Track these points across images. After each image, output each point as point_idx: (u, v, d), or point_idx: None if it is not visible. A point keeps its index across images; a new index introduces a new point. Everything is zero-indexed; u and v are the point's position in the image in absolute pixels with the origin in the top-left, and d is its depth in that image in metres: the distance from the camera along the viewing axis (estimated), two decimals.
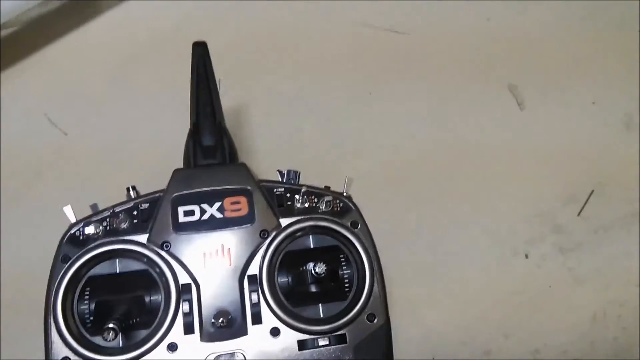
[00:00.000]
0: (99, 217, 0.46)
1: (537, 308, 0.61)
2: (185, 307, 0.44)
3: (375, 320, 0.46)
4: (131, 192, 0.49)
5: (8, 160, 0.66)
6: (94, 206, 0.48)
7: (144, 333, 0.44)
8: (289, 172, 0.53)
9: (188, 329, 0.44)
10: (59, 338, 0.43)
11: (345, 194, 0.50)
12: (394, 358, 0.46)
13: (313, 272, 0.45)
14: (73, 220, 0.47)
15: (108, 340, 0.41)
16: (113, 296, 0.45)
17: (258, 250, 0.47)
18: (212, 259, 0.46)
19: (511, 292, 0.62)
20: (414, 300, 0.49)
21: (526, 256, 0.64)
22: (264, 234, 0.47)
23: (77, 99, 0.70)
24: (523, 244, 0.65)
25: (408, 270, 0.61)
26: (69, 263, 0.44)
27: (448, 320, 0.59)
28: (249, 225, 0.47)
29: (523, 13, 0.77)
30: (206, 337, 0.44)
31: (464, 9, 0.77)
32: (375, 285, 0.47)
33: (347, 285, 0.48)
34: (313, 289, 0.48)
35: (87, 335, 0.44)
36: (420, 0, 0.77)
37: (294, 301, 0.46)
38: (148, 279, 0.46)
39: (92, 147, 0.67)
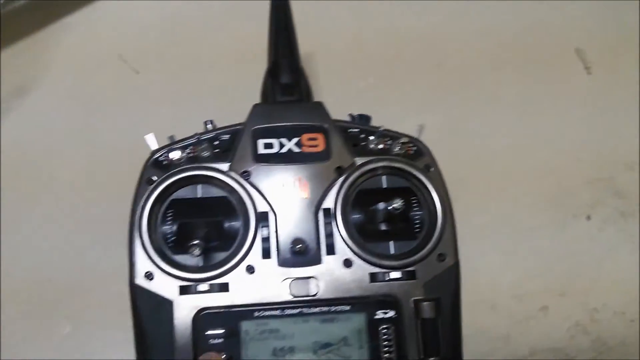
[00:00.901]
0: (182, 145, 0.48)
1: (596, 269, 0.61)
2: (263, 233, 0.46)
3: (445, 261, 0.47)
4: (209, 126, 0.51)
5: (79, 96, 0.69)
6: (171, 137, 0.50)
7: (222, 256, 0.46)
8: (360, 115, 0.53)
9: (265, 254, 0.46)
10: (143, 254, 0.45)
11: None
12: None
13: (389, 207, 0.46)
14: (155, 147, 0.48)
15: (193, 254, 0.44)
16: (194, 219, 0.47)
17: (333, 186, 0.48)
18: (289, 190, 0.47)
19: (570, 253, 0.62)
20: (468, 255, 0.50)
21: (588, 218, 0.64)
22: (339, 171, 0.48)
23: (148, 39, 0.71)
24: (584, 207, 0.65)
25: (463, 226, 0.62)
26: (153, 185, 0.47)
27: (504, 275, 0.60)
28: (325, 161, 0.48)
29: None
30: (282, 262, 0.46)
31: None
32: (447, 227, 0.48)
33: (417, 226, 0.49)
34: (384, 227, 0.49)
35: (170, 254, 0.46)
36: None
37: (366, 237, 0.48)
38: (227, 206, 0.47)
39: (163, 85, 0.69)
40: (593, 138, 0.68)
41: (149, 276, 0.45)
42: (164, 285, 0.44)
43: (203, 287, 0.45)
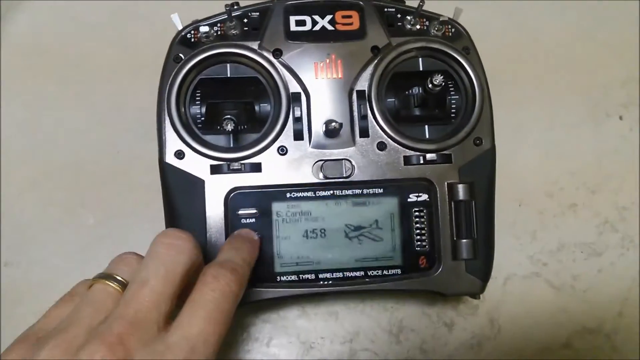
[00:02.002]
0: (210, 22, 0.46)
1: (626, 168, 0.60)
2: (295, 114, 0.45)
3: (481, 145, 0.46)
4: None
5: None
6: (195, 20, 0.47)
7: (253, 137, 0.45)
8: None
9: (297, 135, 0.45)
10: (173, 132, 0.44)
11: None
12: None
13: (430, 83, 0.44)
14: (180, 27, 0.46)
15: (226, 128, 0.43)
16: (224, 99, 0.46)
17: (368, 66, 0.46)
18: (322, 70, 0.45)
19: (602, 151, 0.60)
20: (499, 150, 0.48)
21: (620, 118, 0.62)
22: (374, 51, 0.46)
23: None
24: (618, 107, 0.62)
25: (497, 121, 0.60)
26: (181, 62, 0.45)
27: (535, 171, 0.58)
28: (360, 40, 0.46)
29: None
30: (315, 144, 0.45)
31: None
32: (484, 110, 0.46)
33: (453, 110, 0.47)
34: (419, 111, 0.48)
35: (200, 133, 0.45)
36: None
37: (400, 121, 0.46)
38: (258, 86, 0.46)
39: None
40: (630, 36, 0.64)
41: (179, 155, 0.44)
42: (195, 164, 0.44)
43: (235, 166, 0.44)
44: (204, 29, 0.45)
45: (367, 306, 0.52)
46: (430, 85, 0.44)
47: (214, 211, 0.43)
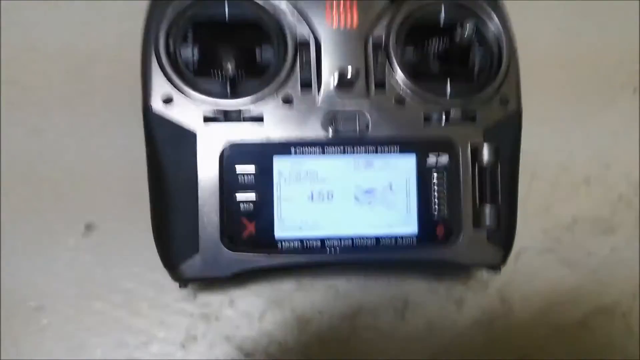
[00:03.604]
0: None
1: None
2: (303, 60, 0.39)
3: (508, 105, 0.41)
4: None
5: None
6: None
7: (254, 84, 0.39)
8: None
9: (305, 84, 0.39)
10: (160, 74, 0.38)
11: None
12: None
13: (459, 32, 0.39)
14: None
15: (226, 71, 0.37)
16: (221, 43, 0.40)
17: (386, 13, 0.40)
18: (335, 14, 0.40)
19: (616, 125, 0.56)
20: None
21: (634, 90, 0.59)
22: None
23: None
24: (632, 80, 0.59)
25: None
26: None
27: (549, 144, 0.55)
28: None
29: None
30: (325, 95, 0.39)
31: None
32: (512, 67, 0.42)
33: (476, 66, 0.42)
34: (440, 65, 0.42)
35: (191, 77, 0.39)
36: None
37: (419, 75, 0.41)
38: (260, 29, 0.40)
39: None
40: None
41: (167, 100, 0.38)
42: (186, 112, 0.38)
43: (232, 116, 0.38)
44: None
45: (370, 280, 0.47)
46: (459, 33, 0.39)
47: (207, 168, 0.38)
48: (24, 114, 0.46)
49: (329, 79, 0.39)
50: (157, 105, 0.37)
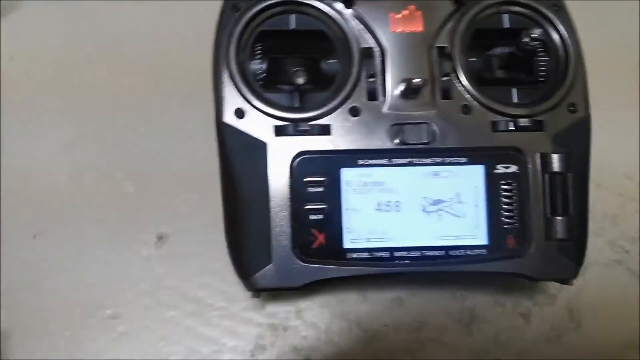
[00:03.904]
0: None
1: None
2: (368, 71, 0.40)
3: (576, 112, 0.41)
4: None
5: None
6: None
7: (318, 97, 0.40)
8: None
9: (371, 95, 0.40)
10: (232, 88, 0.39)
11: None
12: None
13: (525, 39, 0.39)
14: None
15: (296, 83, 0.38)
16: (287, 54, 0.41)
17: (450, 20, 0.41)
18: (399, 23, 0.40)
19: None
20: None
21: None
22: (457, 3, 0.41)
23: None
24: None
25: None
26: (240, 11, 0.40)
27: (616, 152, 0.53)
28: None
29: None
30: (390, 105, 0.40)
31: None
32: (579, 73, 0.41)
33: (542, 73, 0.42)
34: (504, 72, 0.42)
35: (261, 91, 0.40)
36: None
37: (483, 82, 0.41)
38: (326, 40, 0.41)
39: None
40: None
41: (239, 114, 0.39)
42: (257, 124, 0.39)
43: (302, 128, 0.39)
44: None
45: (435, 292, 0.47)
46: (526, 40, 0.39)
47: (278, 177, 0.38)
48: (95, 125, 0.49)
49: (395, 88, 0.40)
50: (229, 118, 0.39)
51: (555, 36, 0.42)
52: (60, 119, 0.49)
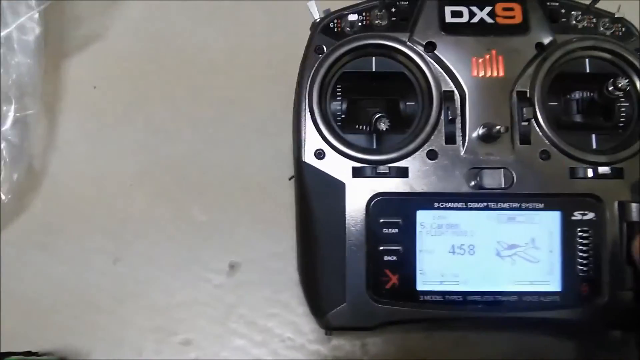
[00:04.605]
0: (355, 10, 0.42)
1: None
2: (447, 115, 0.40)
3: None
4: None
5: None
6: (326, 11, 0.44)
7: (397, 139, 0.41)
8: None
9: (449, 139, 0.40)
10: (313, 130, 0.40)
11: None
12: None
13: (611, 87, 0.39)
14: (317, 16, 0.42)
15: (380, 128, 0.38)
16: (367, 96, 0.42)
17: (531, 65, 0.41)
18: (480, 67, 0.40)
19: None
20: None
21: None
22: (538, 48, 0.41)
23: None
24: None
25: None
26: (324, 54, 0.41)
27: None
28: (522, 35, 0.41)
29: None
30: (468, 149, 0.40)
31: None
32: None
33: (622, 119, 0.42)
34: (583, 118, 0.42)
35: (341, 132, 0.41)
36: None
37: (562, 127, 0.41)
38: (406, 82, 0.41)
39: None
40: None
41: (319, 155, 0.40)
42: (336, 165, 0.40)
43: (380, 170, 0.39)
44: (352, 17, 0.41)
45: (501, 333, 0.47)
46: (611, 89, 0.39)
47: (354, 217, 0.39)
48: (169, 155, 0.50)
49: (473, 132, 0.40)
50: (309, 158, 0.40)
51: (637, 82, 0.41)
52: (136, 150, 0.50)
